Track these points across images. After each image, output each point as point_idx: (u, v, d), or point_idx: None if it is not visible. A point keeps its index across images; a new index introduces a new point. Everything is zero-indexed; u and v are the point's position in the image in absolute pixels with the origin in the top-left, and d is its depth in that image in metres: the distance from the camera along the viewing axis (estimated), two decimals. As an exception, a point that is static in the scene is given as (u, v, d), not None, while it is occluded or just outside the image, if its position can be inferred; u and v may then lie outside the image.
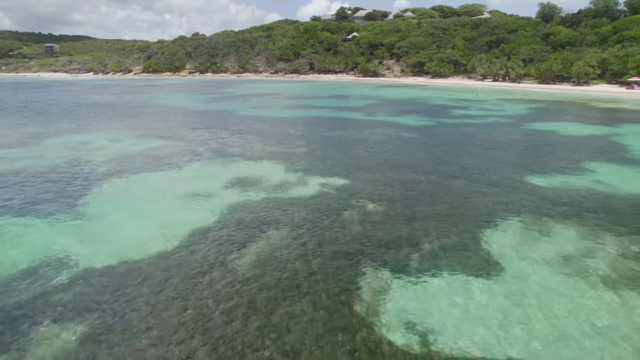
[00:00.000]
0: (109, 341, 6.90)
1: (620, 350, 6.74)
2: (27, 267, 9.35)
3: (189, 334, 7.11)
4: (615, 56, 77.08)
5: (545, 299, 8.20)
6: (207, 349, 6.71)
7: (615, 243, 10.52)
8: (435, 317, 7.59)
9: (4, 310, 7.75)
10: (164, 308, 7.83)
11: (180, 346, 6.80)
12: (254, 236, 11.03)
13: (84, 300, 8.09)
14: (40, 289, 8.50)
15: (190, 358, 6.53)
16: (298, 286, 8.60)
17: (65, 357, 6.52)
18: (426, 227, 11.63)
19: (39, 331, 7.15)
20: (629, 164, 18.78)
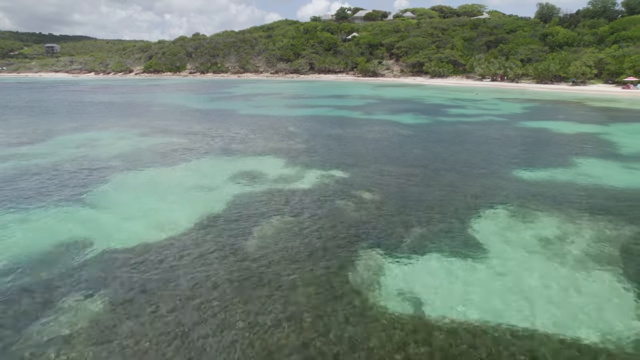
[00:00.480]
0: (129, 309, 7.82)
1: (579, 316, 7.65)
2: (54, 247, 10.28)
3: (203, 301, 8.03)
4: (612, 56, 77.99)
5: (521, 275, 9.12)
6: (219, 315, 7.62)
7: (589, 229, 11.45)
8: (423, 289, 8.50)
9: (38, 282, 8.66)
10: (178, 281, 8.74)
11: (194, 312, 7.71)
12: (259, 221, 11.97)
13: (106, 274, 9.01)
14: (67, 264, 9.43)
15: (203, 322, 7.44)
16: (299, 263, 9.53)
17: (92, 321, 7.43)
18: (417, 214, 12.56)
19: (69, 299, 8.06)
20: (612, 160, 19.70)
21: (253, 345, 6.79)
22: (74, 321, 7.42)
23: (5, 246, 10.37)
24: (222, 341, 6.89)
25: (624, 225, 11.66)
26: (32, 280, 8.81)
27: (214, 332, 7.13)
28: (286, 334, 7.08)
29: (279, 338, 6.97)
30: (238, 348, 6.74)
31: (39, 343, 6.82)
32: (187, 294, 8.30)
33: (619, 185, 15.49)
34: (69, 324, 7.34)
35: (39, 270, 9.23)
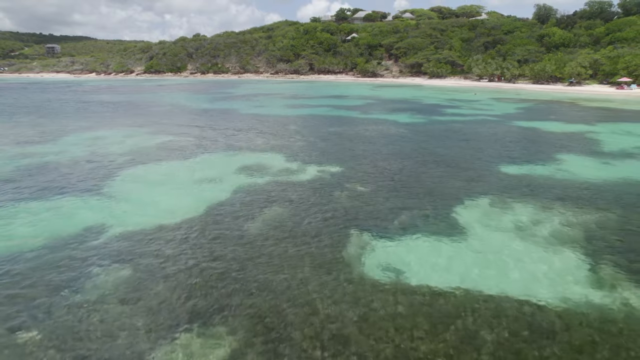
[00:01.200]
0: (146, 275, 9.05)
1: (542, 284, 8.87)
2: (79, 229, 11.53)
3: (210, 273, 9.26)
4: (607, 57, 79.22)
5: (496, 251, 10.35)
6: (225, 283, 8.84)
7: (559, 215, 12.69)
8: (408, 262, 9.73)
9: (67, 258, 9.89)
10: (188, 257, 9.97)
11: (200, 275, 8.94)
12: (261, 208, 13.22)
13: (126, 249, 10.24)
14: (91, 242, 10.67)
15: (213, 288, 8.65)
16: (296, 241, 10.77)
17: (114, 288, 8.64)
18: (406, 202, 13.80)
19: (93, 271, 9.29)
20: (592, 156, 20.94)
21: (256, 304, 8.01)
22: (101, 285, 8.65)
23: (38, 228, 11.61)
24: (225, 300, 8.11)
25: (590, 211, 12.91)
26: (64, 254, 10.03)
27: (218, 291, 8.34)
28: (287, 296, 8.30)
29: (278, 297, 8.19)
30: (242, 303, 7.95)
31: (74, 303, 8.04)
32: (194, 262, 9.52)
33: (593, 179, 16.73)
34: (97, 288, 8.56)
35: (69, 246, 10.45)
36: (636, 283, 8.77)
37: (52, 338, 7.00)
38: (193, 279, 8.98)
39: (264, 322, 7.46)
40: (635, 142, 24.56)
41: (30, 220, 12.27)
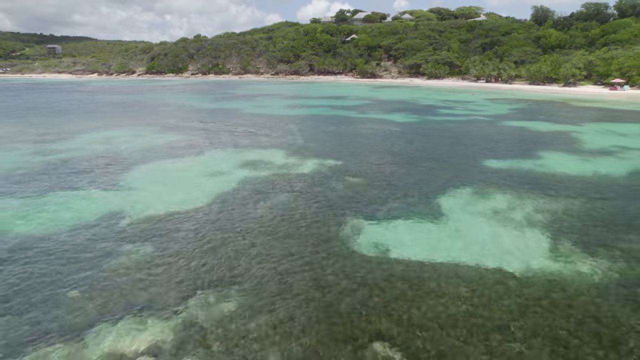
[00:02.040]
0: (167, 249, 10.58)
1: (510, 256, 10.40)
2: (103, 213, 13.08)
3: (221, 244, 10.79)
4: (601, 58, 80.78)
5: (472, 231, 11.89)
6: (234, 252, 10.37)
7: (531, 202, 14.24)
8: (395, 241, 11.25)
9: (93, 239, 11.43)
10: (203, 233, 11.51)
11: (216, 250, 10.47)
12: (266, 195, 14.78)
13: (146, 230, 11.78)
14: (116, 225, 12.23)
15: (224, 256, 10.17)
16: (297, 223, 12.33)
17: (142, 255, 10.16)
18: (395, 191, 15.36)
19: (118, 249, 10.83)
20: (571, 153, 22.50)
21: (260, 269, 9.54)
22: (131, 254, 10.18)
23: (70, 212, 13.16)
24: (235, 263, 9.64)
25: (559, 200, 14.47)
26: (96, 231, 11.57)
27: (229, 258, 9.87)
28: (287, 266, 9.83)
29: (280, 263, 9.72)
30: (250, 268, 9.48)
31: (110, 267, 9.58)
32: (209, 237, 11.06)
33: (567, 173, 18.29)
34: (127, 256, 10.10)
35: (99, 225, 12.00)
36: (585, 255, 10.32)
37: (94, 292, 8.53)
38: (208, 249, 10.54)
39: (267, 283, 9.00)
40: (615, 140, 26.13)
41: (62, 206, 13.82)
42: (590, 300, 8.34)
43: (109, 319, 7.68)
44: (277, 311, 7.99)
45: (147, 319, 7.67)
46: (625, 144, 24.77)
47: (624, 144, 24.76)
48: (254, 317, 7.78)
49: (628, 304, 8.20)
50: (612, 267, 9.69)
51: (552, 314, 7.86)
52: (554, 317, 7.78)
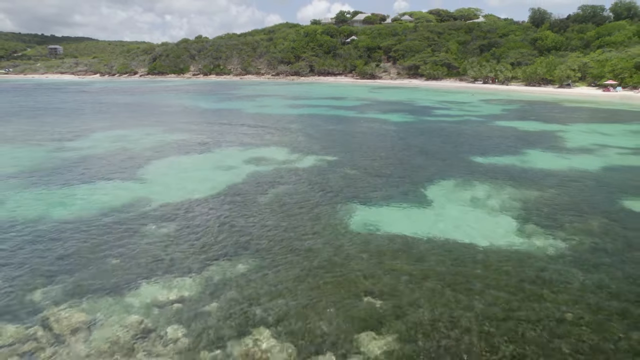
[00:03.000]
0: (185, 231, 12.29)
1: (482, 234, 12.09)
2: (126, 202, 14.80)
3: (232, 224, 12.49)
4: (595, 60, 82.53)
5: (453, 214, 13.59)
6: (242, 232, 12.06)
7: (508, 192, 15.97)
8: (383, 220, 12.95)
9: (122, 220, 13.14)
10: (215, 216, 13.21)
11: (227, 228, 12.15)
12: (270, 186, 16.51)
13: (167, 215, 13.49)
14: (139, 211, 13.95)
15: (235, 232, 11.87)
16: (298, 205, 14.04)
17: (163, 236, 11.85)
18: (387, 182, 17.09)
19: (145, 227, 12.53)
20: (553, 150, 24.22)
21: (267, 242, 11.23)
22: (154, 234, 11.89)
23: (95, 202, 14.88)
24: (245, 238, 11.34)
25: (533, 191, 16.19)
26: (122, 216, 13.28)
27: (239, 234, 11.57)
28: (289, 237, 11.53)
29: (283, 238, 11.42)
30: (258, 242, 11.17)
31: (137, 243, 11.29)
32: (220, 220, 12.77)
33: (546, 167, 20.03)
34: (152, 235, 11.81)
35: (124, 211, 13.72)
36: (545, 233, 12.02)
37: (129, 259, 10.22)
38: (222, 225, 12.26)
39: (272, 249, 10.71)
40: (596, 139, 27.87)
41: (89, 195, 15.55)
42: (542, 265, 10.04)
43: (142, 278, 9.38)
44: (280, 271, 9.71)
45: (173, 278, 9.37)
46: (605, 143, 26.51)
47: (603, 143, 26.50)
48: (262, 275, 9.50)
49: (573, 268, 9.89)
50: (566, 242, 11.41)
51: (508, 275, 9.56)
52: (510, 277, 9.49)
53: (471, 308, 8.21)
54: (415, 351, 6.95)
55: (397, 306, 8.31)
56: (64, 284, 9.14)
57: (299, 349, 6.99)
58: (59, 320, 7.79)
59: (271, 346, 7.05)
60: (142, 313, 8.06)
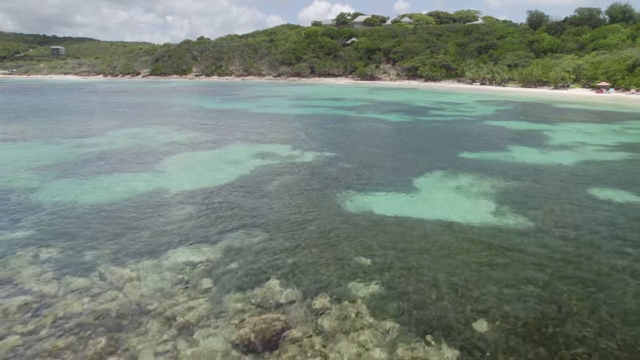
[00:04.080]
0: (203, 212, 14.25)
1: (460, 214, 14.05)
2: (147, 191, 16.79)
3: (245, 208, 14.45)
4: (589, 63, 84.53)
5: (438, 200, 15.55)
6: (253, 212, 14.03)
7: (489, 182, 17.94)
8: (376, 204, 14.92)
9: (146, 204, 15.11)
10: (228, 201, 15.17)
11: (241, 212, 14.12)
12: (276, 176, 18.49)
13: (183, 201, 15.46)
14: (160, 197, 15.93)
15: (246, 211, 13.83)
16: (301, 191, 16.02)
17: (184, 215, 13.80)
18: (380, 174, 19.07)
19: (167, 210, 14.50)
20: (536, 147, 26.20)
21: (274, 218, 13.19)
22: (176, 215, 13.86)
23: (121, 189, 16.86)
24: (255, 215, 13.31)
25: (511, 181, 18.17)
26: (145, 201, 15.25)
27: (250, 213, 13.53)
28: (293, 215, 13.49)
29: (289, 215, 13.38)
30: (266, 220, 13.13)
31: (162, 222, 13.24)
32: (231, 204, 14.74)
33: (526, 161, 22.01)
34: (173, 216, 13.78)
35: (147, 197, 15.68)
36: (516, 214, 13.99)
37: (158, 233, 12.18)
38: (235, 207, 14.24)
39: (280, 224, 12.68)
40: (578, 137, 29.86)
41: (113, 184, 17.53)
42: (508, 236, 12.01)
43: (173, 246, 11.32)
44: (287, 239, 11.70)
45: (199, 246, 11.32)
46: (585, 140, 28.50)
47: (584, 140, 28.49)
48: (271, 242, 11.48)
49: (533, 239, 11.84)
50: (530, 220, 13.38)
51: (481, 244, 11.53)
52: (481, 244, 11.47)
53: (444, 265, 10.19)
54: (393, 294, 8.93)
55: (383, 263, 10.29)
56: (110, 249, 11.12)
57: (303, 292, 8.97)
58: (112, 273, 9.78)
59: (280, 290, 9.03)
60: (177, 270, 10.04)
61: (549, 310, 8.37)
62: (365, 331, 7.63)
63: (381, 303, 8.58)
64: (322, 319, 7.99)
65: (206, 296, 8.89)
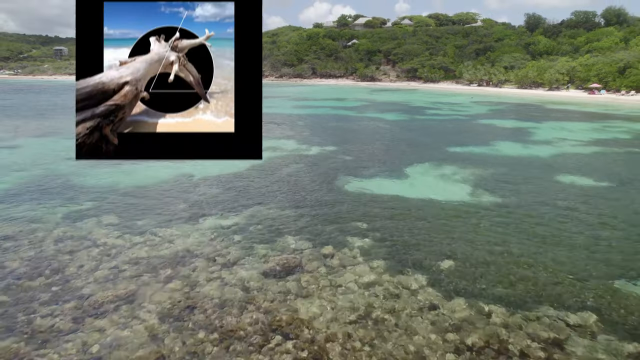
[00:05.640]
0: (224, 193, 16.94)
1: (441, 194, 16.73)
2: (175, 176, 19.52)
3: (256, 189, 17.15)
4: (583, 65, 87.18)
5: (425, 184, 18.26)
6: (263, 192, 16.71)
7: (470, 171, 20.65)
8: (370, 187, 17.63)
9: (176, 188, 17.82)
10: (242, 184, 17.88)
11: (253, 192, 16.81)
12: (282, 166, 21.22)
13: (208, 183, 18.16)
14: (188, 182, 18.67)
15: (258, 196, 16.51)
16: (305, 175, 18.75)
17: (211, 196, 16.48)
18: (376, 164, 21.80)
19: (197, 190, 17.20)
20: (519, 142, 28.93)
21: (283, 197, 15.88)
22: (199, 196, 16.56)
23: (149, 177, 19.59)
24: (263, 196, 16.00)
25: (490, 169, 20.90)
26: (173, 185, 17.96)
27: (260, 193, 16.21)
28: (301, 195, 16.18)
29: (294, 195, 16.06)
30: (277, 198, 15.82)
31: (188, 200, 15.94)
32: (245, 184, 17.44)
33: (507, 154, 24.75)
34: (202, 197, 16.48)
35: (176, 183, 18.40)
36: (488, 194, 16.70)
37: (192, 206, 14.88)
38: (246, 188, 16.96)
39: (288, 202, 15.37)
40: (559, 134, 32.58)
41: (140, 173, 20.30)
42: (479, 211, 14.71)
43: (205, 215, 14.07)
44: (297, 211, 14.45)
45: (227, 215, 14.04)
46: (565, 137, 31.22)
47: (564, 137, 31.21)
48: (284, 212, 14.23)
49: (500, 213, 14.54)
50: (499, 198, 16.10)
51: (454, 212, 14.23)
52: (455, 213, 14.18)
53: (422, 226, 12.92)
54: (381, 244, 11.65)
55: (374, 225, 13.02)
56: (157, 218, 13.84)
57: (312, 243, 11.69)
58: (163, 233, 12.50)
59: (294, 242, 11.76)
60: (213, 230, 12.76)
61: (498, 253, 11.09)
62: (359, 266, 10.36)
63: (372, 249, 11.31)
64: (327, 259, 10.73)
65: (238, 245, 11.62)
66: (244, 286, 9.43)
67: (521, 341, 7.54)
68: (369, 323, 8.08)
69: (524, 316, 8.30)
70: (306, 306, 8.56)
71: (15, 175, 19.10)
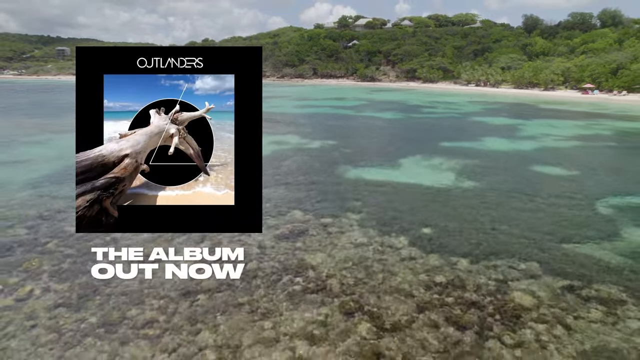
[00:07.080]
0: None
1: (428, 178, 18.98)
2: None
3: (270, 179, 19.39)
4: (577, 65, 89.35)
5: (416, 172, 20.50)
6: (273, 176, 18.95)
7: (456, 162, 22.89)
8: (367, 174, 19.88)
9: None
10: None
11: (267, 180, 19.06)
12: (287, 159, 23.49)
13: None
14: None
15: (269, 180, 18.76)
16: (309, 167, 21.02)
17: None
18: (373, 156, 24.06)
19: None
20: (507, 138, 31.17)
21: (291, 180, 18.11)
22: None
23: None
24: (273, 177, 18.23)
25: (475, 160, 23.15)
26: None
27: (270, 177, 18.44)
28: (306, 181, 18.42)
29: (300, 177, 18.29)
30: (285, 180, 18.05)
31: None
32: (265, 176, 19.72)
33: (492, 148, 27.01)
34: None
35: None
36: (469, 180, 18.95)
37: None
38: (264, 179, 19.24)
39: (295, 184, 17.62)
40: (545, 130, 34.83)
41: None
42: (462, 194, 16.97)
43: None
44: (301, 192, 16.73)
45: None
46: (550, 133, 33.47)
47: (549, 133, 33.46)
48: (290, 194, 16.50)
49: (472, 193, 16.79)
50: (480, 184, 18.36)
51: (437, 194, 16.49)
52: (438, 195, 16.44)
53: (408, 202, 15.19)
54: (373, 216, 13.92)
55: (367, 202, 15.30)
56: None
57: (315, 216, 13.96)
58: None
59: (301, 215, 14.03)
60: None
61: (468, 222, 13.37)
62: (354, 232, 12.65)
63: (365, 220, 13.60)
64: (328, 227, 13.01)
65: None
66: (260, 245, 11.70)
67: (477, 280, 9.81)
68: (361, 268, 10.36)
69: (482, 265, 10.58)
70: (311, 257, 10.85)
71: (55, 163, 21.45)
